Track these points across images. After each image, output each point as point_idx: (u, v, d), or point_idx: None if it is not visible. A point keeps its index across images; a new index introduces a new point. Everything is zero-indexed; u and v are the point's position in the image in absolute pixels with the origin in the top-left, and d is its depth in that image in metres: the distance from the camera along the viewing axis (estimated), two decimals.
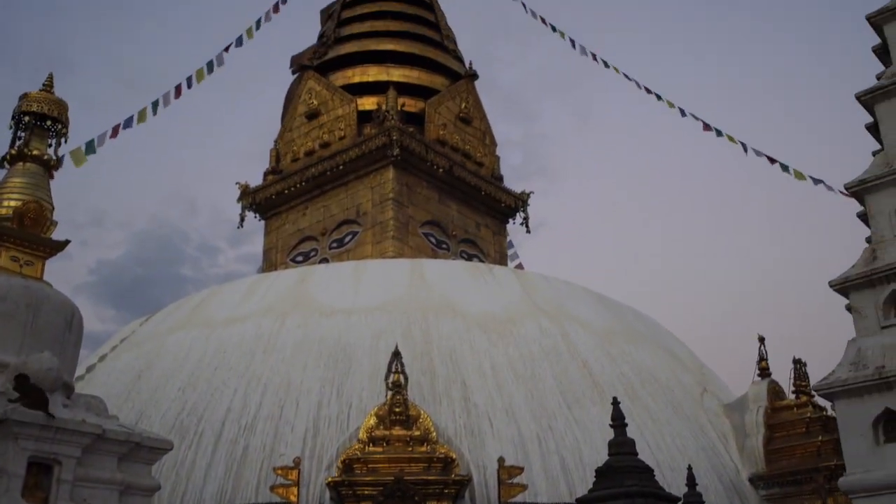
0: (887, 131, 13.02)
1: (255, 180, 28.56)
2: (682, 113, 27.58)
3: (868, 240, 13.10)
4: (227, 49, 27.23)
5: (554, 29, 30.36)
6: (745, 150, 25.61)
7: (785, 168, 24.50)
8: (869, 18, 14.05)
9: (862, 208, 13.29)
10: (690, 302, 58.19)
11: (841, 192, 19.21)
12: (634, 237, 65.75)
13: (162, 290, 65.43)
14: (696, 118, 27.18)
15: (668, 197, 66.51)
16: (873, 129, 13.72)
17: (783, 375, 18.95)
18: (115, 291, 66.05)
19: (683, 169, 67.62)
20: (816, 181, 23.83)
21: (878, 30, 14.08)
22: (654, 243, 64.47)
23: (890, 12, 13.87)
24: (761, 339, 19.85)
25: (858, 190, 12.87)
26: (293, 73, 30.02)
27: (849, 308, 12.65)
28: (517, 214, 28.86)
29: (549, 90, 76.73)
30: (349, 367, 17.78)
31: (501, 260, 28.00)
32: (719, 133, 26.20)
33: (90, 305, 60.63)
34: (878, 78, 13.95)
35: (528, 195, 29.10)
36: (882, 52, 14.17)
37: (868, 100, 13.48)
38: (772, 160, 24.82)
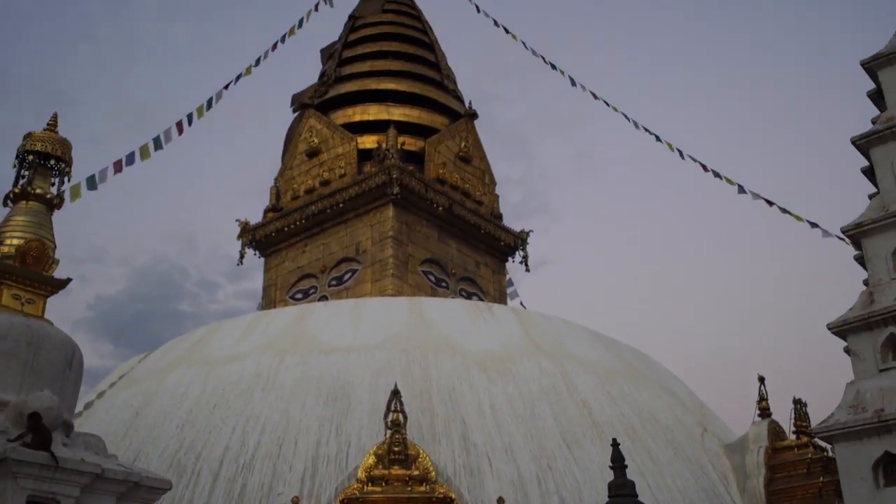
0: (882, 175, 13.17)
1: (255, 217, 28.72)
2: (681, 154, 27.83)
3: (866, 282, 13.18)
4: (227, 86, 27.54)
5: (554, 67, 30.71)
6: (743, 191, 25.80)
7: (783, 210, 24.65)
8: (863, 64, 14.27)
9: (859, 251, 13.39)
10: (690, 341, 58.15)
11: (838, 235, 19.33)
12: (634, 276, 65.83)
13: (161, 325, 65.35)
14: (695, 160, 27.44)
15: (667, 236, 66.74)
16: (869, 172, 13.86)
17: (784, 415, 18.92)
18: (113, 327, 65.92)
19: (682, 208, 67.90)
20: (813, 224, 23.96)
21: (873, 75, 14.29)
22: (654, 282, 64.54)
23: (884, 58, 14.09)
24: (761, 379, 19.82)
25: (855, 233, 12.99)
26: (294, 111, 30.28)
27: (847, 350, 12.69)
28: (517, 253, 28.97)
29: (549, 129, 77.27)
30: (348, 405, 17.74)
31: (501, 298, 28.04)
32: (717, 175, 26.41)
33: (89, 341, 60.50)
34: (874, 122, 14.13)
35: (528, 234, 29.24)
36: (877, 96, 14.37)
37: (863, 144, 13.65)
38: (770, 202, 24.99)
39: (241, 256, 28.28)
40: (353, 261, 26.13)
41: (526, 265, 28.80)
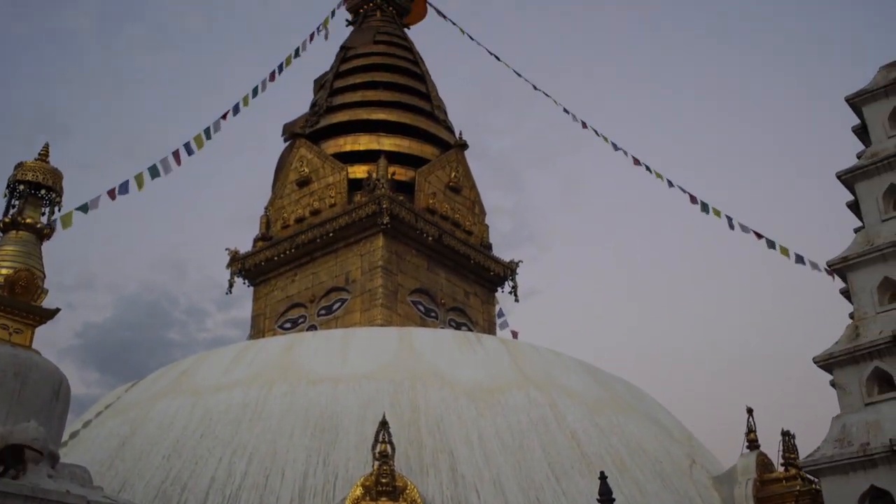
0: (867, 210, 13.32)
1: (245, 246, 28.73)
2: (670, 184, 28.07)
3: (851, 316, 13.28)
4: (224, 116, 27.67)
5: (546, 95, 31.02)
6: (731, 224, 26.01)
7: (771, 244, 24.85)
8: (848, 100, 14.48)
9: (845, 285, 13.50)
10: (679, 371, 58.19)
11: (825, 269, 19.47)
12: (623, 307, 65.95)
13: (148, 354, 64.97)
14: (684, 191, 27.68)
15: (656, 266, 66.97)
16: (854, 206, 14.02)
17: (772, 447, 18.94)
18: (101, 355, 65.48)
19: (671, 239, 68.23)
20: (799, 258, 24.15)
21: (857, 111, 14.49)
22: (642, 313, 64.65)
23: (868, 94, 14.29)
24: (749, 411, 19.84)
25: (841, 267, 13.10)
26: (285, 140, 30.41)
27: (833, 384, 12.76)
28: (506, 283, 29.03)
29: (539, 158, 77.74)
30: (336, 436, 17.69)
31: (490, 329, 28.06)
32: (705, 207, 26.63)
33: (76, 369, 60.11)
34: (859, 157, 14.31)
35: (517, 264, 29.31)
36: (861, 131, 14.56)
37: (848, 179, 13.81)
38: (758, 235, 25.19)
39: (231, 285, 28.25)
40: (343, 290, 26.15)
41: (515, 295, 28.87)
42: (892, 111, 13.96)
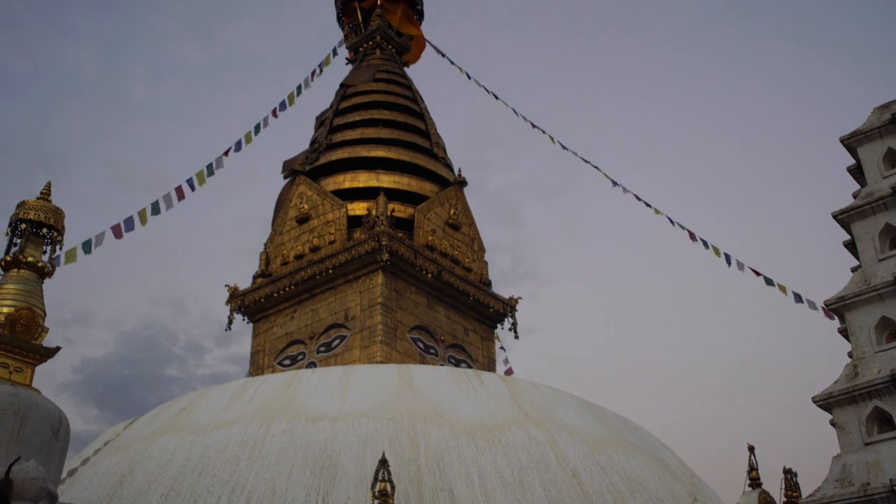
0: (864, 249, 13.40)
1: (244, 282, 28.79)
2: (671, 221, 28.23)
3: (850, 354, 13.31)
4: (227, 153, 27.92)
5: (544, 132, 31.28)
6: (729, 262, 26.12)
7: (769, 282, 24.93)
8: (843, 141, 14.63)
9: (843, 325, 13.55)
10: (680, 409, 57.98)
11: (822, 308, 19.52)
12: (622, 343, 65.86)
13: (147, 390, 64.73)
14: (683, 227, 27.83)
15: (655, 304, 66.96)
16: (851, 246, 14.11)
17: (774, 485, 18.83)
18: (99, 391, 65.23)
19: (671, 276, 68.31)
20: (798, 296, 24.21)
21: (853, 151, 14.63)
22: (642, 350, 64.58)
23: (862, 135, 14.44)
24: (751, 449, 19.74)
25: (838, 307, 13.16)
26: (285, 178, 30.59)
27: (833, 423, 12.76)
28: (505, 320, 29.05)
29: (539, 195, 78.03)
30: (335, 474, 17.60)
31: (490, 366, 28.03)
32: (705, 244, 26.76)
33: (74, 405, 59.88)
34: (855, 196, 14.43)
35: (517, 301, 29.37)
36: (857, 172, 14.70)
37: (845, 218, 13.92)
38: (756, 273, 25.29)
39: (230, 322, 28.26)
40: (342, 327, 26.16)
41: (515, 332, 28.89)
42: (887, 152, 14.11)
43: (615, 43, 79.13)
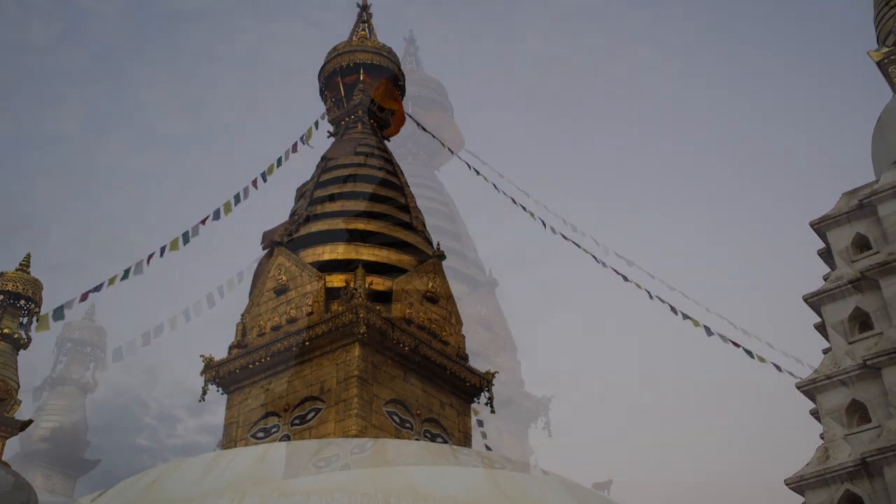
0: (834, 332, 13.60)
1: (219, 352, 28.57)
2: (650, 295, 28.51)
3: (822, 436, 13.41)
4: (203, 221, 27.94)
5: (524, 209, 31.66)
6: (709, 333, 26.36)
7: (749, 353, 25.15)
8: (812, 225, 14.98)
9: (815, 406, 13.69)
10: (655, 485, 57.49)
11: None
12: (601, 416, 65.61)
13: (117, 459, 63.55)
14: (662, 301, 28.07)
15: (634, 376, 66.95)
16: (821, 328, 14.33)
17: None
18: (67, 460, 63.75)
19: (651, 348, 68.56)
20: (778, 368, 24.42)
21: (822, 235, 14.97)
22: (620, 423, 64.32)
23: (832, 220, 14.80)
24: None
25: (809, 389, 13.30)
26: (263, 248, 30.62)
27: None
28: (482, 394, 28.95)
29: (517, 266, 78.60)
30: None
31: (466, 440, 27.82)
32: (686, 316, 27.03)
33: (41, 475, 58.41)
34: (825, 279, 14.71)
35: (493, 375, 29.31)
36: (827, 255, 15.00)
37: (815, 301, 14.17)
38: (736, 344, 25.54)
39: (204, 392, 27.96)
40: (318, 399, 25.94)
41: (491, 407, 28.74)
42: (855, 237, 14.43)
43: (598, 117, 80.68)
